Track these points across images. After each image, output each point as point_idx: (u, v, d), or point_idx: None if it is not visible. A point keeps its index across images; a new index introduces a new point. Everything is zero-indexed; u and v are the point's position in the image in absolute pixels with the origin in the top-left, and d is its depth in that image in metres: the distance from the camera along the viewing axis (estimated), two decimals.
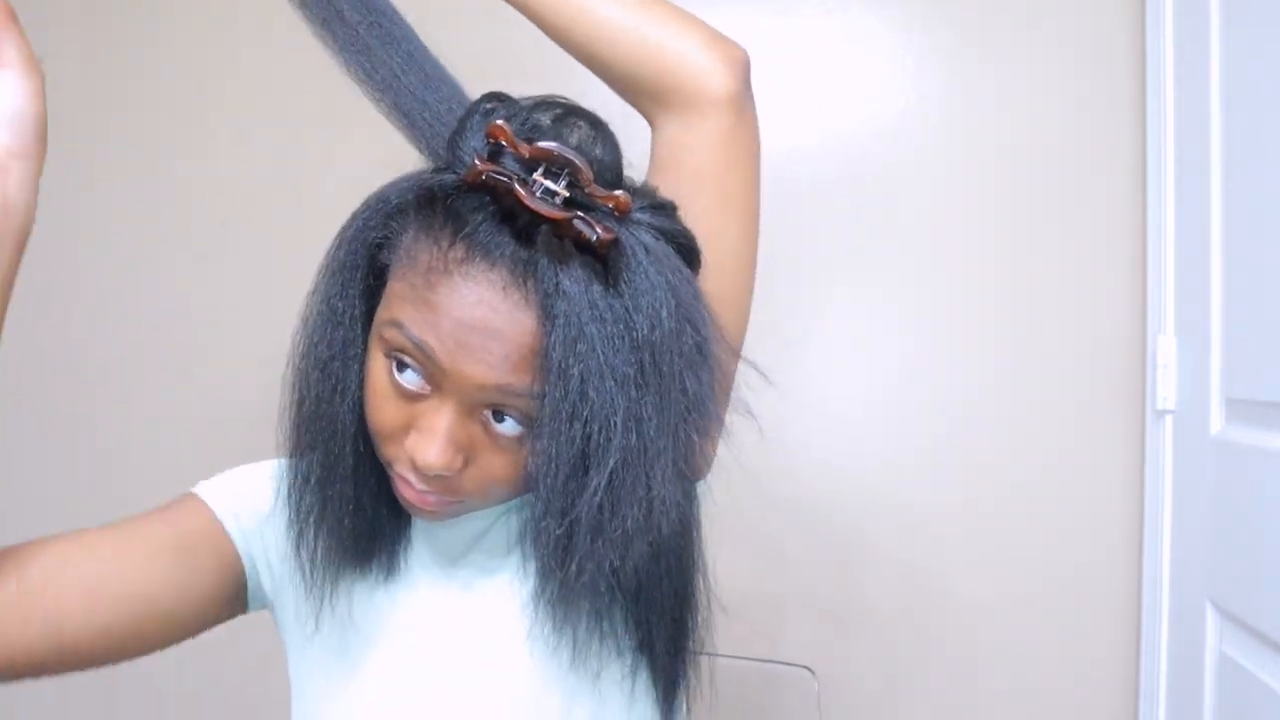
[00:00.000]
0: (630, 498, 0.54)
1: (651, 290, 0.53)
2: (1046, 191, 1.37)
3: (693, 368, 0.55)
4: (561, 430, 0.53)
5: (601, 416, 0.52)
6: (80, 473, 1.62)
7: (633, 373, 0.52)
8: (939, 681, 1.40)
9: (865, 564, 1.41)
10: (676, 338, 0.53)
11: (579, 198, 0.52)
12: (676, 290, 0.54)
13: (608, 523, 0.54)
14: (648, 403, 0.53)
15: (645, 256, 0.53)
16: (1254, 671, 1.03)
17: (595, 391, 0.52)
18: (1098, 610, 1.35)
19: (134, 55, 1.59)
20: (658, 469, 0.54)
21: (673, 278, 0.54)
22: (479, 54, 1.02)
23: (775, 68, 1.43)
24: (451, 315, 0.54)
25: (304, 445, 0.63)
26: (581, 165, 0.52)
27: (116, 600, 0.62)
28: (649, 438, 0.53)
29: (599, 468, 0.53)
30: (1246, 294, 1.07)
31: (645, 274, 0.53)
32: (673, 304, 0.53)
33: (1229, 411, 1.12)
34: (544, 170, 0.52)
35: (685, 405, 0.54)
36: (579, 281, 0.52)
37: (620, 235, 0.53)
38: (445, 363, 0.54)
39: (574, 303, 0.52)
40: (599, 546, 0.54)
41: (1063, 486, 1.36)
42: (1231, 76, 1.11)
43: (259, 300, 1.55)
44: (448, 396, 0.56)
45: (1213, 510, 1.14)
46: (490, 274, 0.53)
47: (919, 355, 1.40)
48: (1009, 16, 1.38)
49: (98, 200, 1.61)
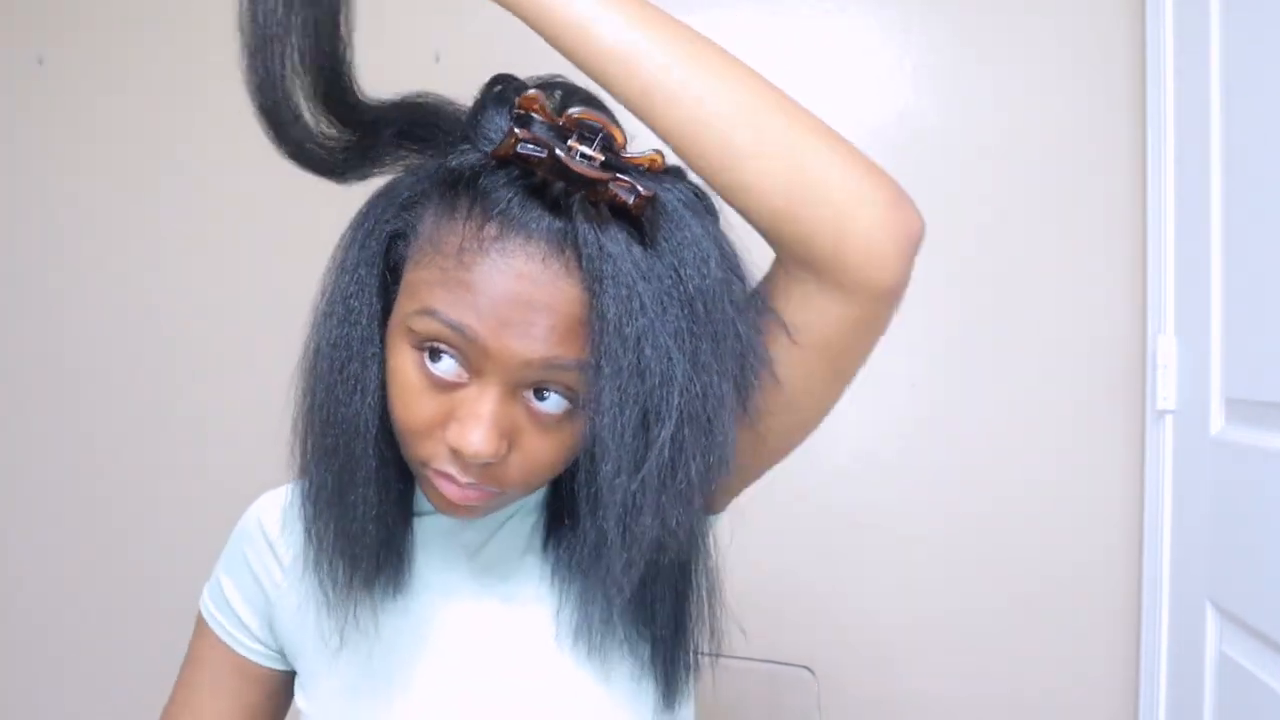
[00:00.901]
0: (694, 448, 0.54)
1: (696, 242, 0.53)
2: (1046, 192, 1.37)
3: (743, 313, 0.55)
4: (624, 390, 0.52)
5: (661, 372, 0.52)
6: (79, 473, 1.62)
7: (686, 325, 0.52)
8: (939, 681, 1.40)
9: (865, 564, 1.41)
10: (726, 286, 0.54)
11: (613, 161, 0.52)
12: (719, 240, 0.55)
13: (672, 477, 0.54)
14: (704, 351, 0.53)
15: (685, 210, 0.54)
16: (1254, 671, 1.03)
17: (652, 349, 0.52)
18: (1098, 610, 1.35)
19: (134, 54, 1.59)
20: (720, 416, 0.54)
21: (712, 229, 0.55)
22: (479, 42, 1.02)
23: (774, 68, 1.43)
24: (490, 292, 0.53)
25: (321, 452, 0.62)
26: (616, 129, 0.52)
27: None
28: (710, 387, 0.53)
29: (664, 422, 0.53)
30: (1246, 294, 1.07)
31: (687, 227, 0.53)
32: (717, 254, 0.54)
33: (1229, 411, 1.12)
34: (576, 137, 0.52)
35: (740, 350, 0.55)
36: (620, 243, 0.52)
37: (661, 195, 0.53)
38: (488, 342, 0.53)
39: (620, 264, 0.51)
40: (664, 501, 0.54)
41: (1063, 486, 1.36)
42: (1231, 76, 1.11)
43: (259, 301, 1.55)
44: (489, 380, 0.55)
45: (1213, 510, 1.14)
46: (528, 247, 0.53)
47: (918, 355, 1.40)
48: (1008, 17, 1.38)
49: (97, 200, 1.61)
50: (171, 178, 1.58)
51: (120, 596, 1.55)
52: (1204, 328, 1.15)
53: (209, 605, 0.74)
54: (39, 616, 1.61)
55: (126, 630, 1.56)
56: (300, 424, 0.64)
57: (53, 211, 1.61)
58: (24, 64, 1.60)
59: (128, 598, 1.55)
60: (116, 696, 1.58)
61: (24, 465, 1.63)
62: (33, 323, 1.62)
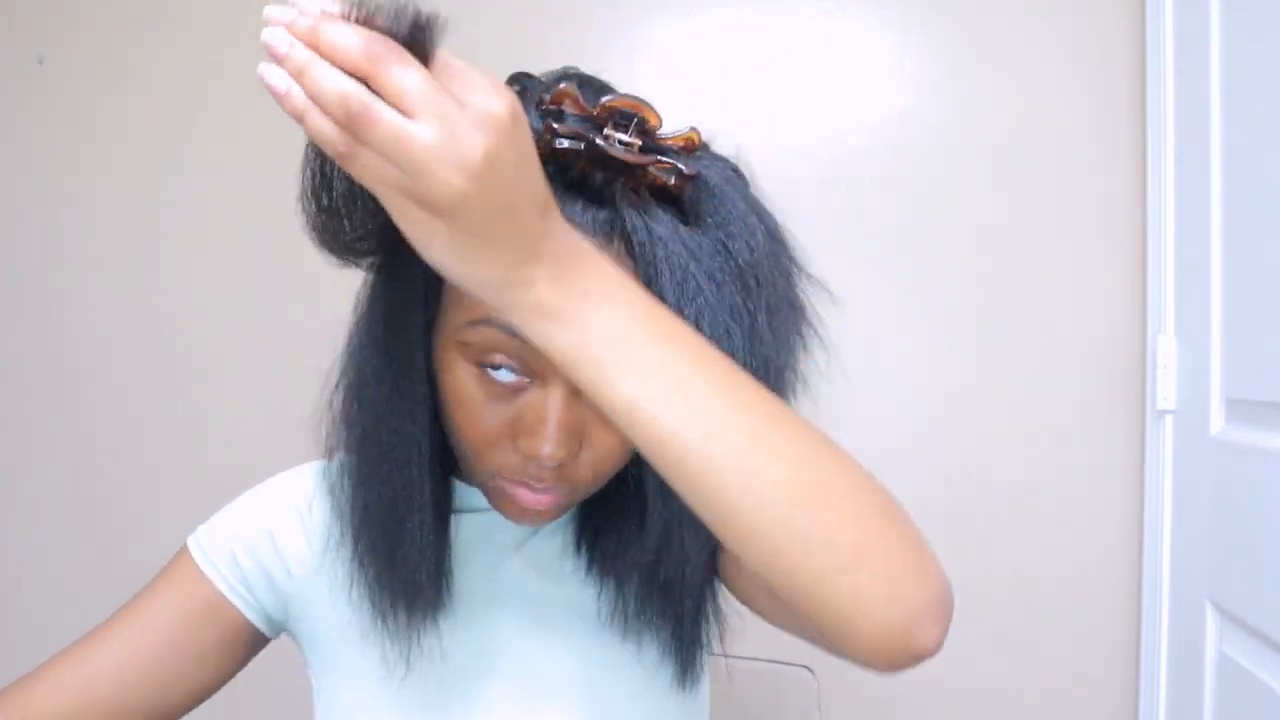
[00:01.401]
0: None
1: (742, 216, 0.54)
2: (1046, 191, 1.37)
3: (790, 278, 0.56)
4: None
5: (722, 350, 0.50)
6: (79, 473, 1.62)
7: (741, 299, 0.52)
8: (938, 681, 1.40)
9: None
10: (774, 256, 0.54)
11: (650, 144, 0.52)
12: (760, 211, 0.55)
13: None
14: (761, 324, 0.53)
15: (725, 185, 0.54)
16: (1254, 671, 1.03)
17: (710, 326, 0.51)
18: (1098, 610, 1.35)
19: (134, 54, 1.59)
20: (783, 386, 0.55)
21: (754, 200, 0.55)
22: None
23: (774, 68, 1.43)
24: None
25: (371, 478, 0.60)
26: (651, 111, 0.52)
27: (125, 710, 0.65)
28: (771, 359, 0.54)
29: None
30: (1246, 294, 1.07)
31: (730, 201, 0.53)
32: (761, 226, 0.54)
33: (1229, 411, 1.12)
34: (611, 125, 0.52)
35: (795, 318, 0.56)
36: (667, 225, 0.52)
37: (704, 171, 0.53)
38: None
39: (670, 246, 0.51)
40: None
41: (1063, 486, 1.36)
42: (1231, 76, 1.11)
43: (259, 301, 1.55)
44: (551, 380, 0.54)
45: (1212, 510, 1.14)
46: None
47: (917, 355, 1.40)
48: (1008, 17, 1.38)
49: (97, 200, 1.60)
50: (171, 178, 1.58)
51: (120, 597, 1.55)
52: (1204, 328, 1.15)
53: (198, 543, 0.70)
54: (39, 616, 1.61)
55: None
56: (341, 449, 0.63)
57: (53, 211, 1.61)
58: (24, 64, 1.60)
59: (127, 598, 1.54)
60: None
61: (24, 465, 1.63)
62: (33, 323, 1.62)
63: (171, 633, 0.66)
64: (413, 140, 0.39)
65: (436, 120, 0.40)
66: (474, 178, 0.40)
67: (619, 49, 1.46)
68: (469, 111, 0.41)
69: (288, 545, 0.69)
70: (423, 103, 0.40)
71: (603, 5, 1.46)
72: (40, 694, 0.63)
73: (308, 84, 0.40)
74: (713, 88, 1.44)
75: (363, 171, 0.41)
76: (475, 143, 0.40)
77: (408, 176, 0.40)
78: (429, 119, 0.40)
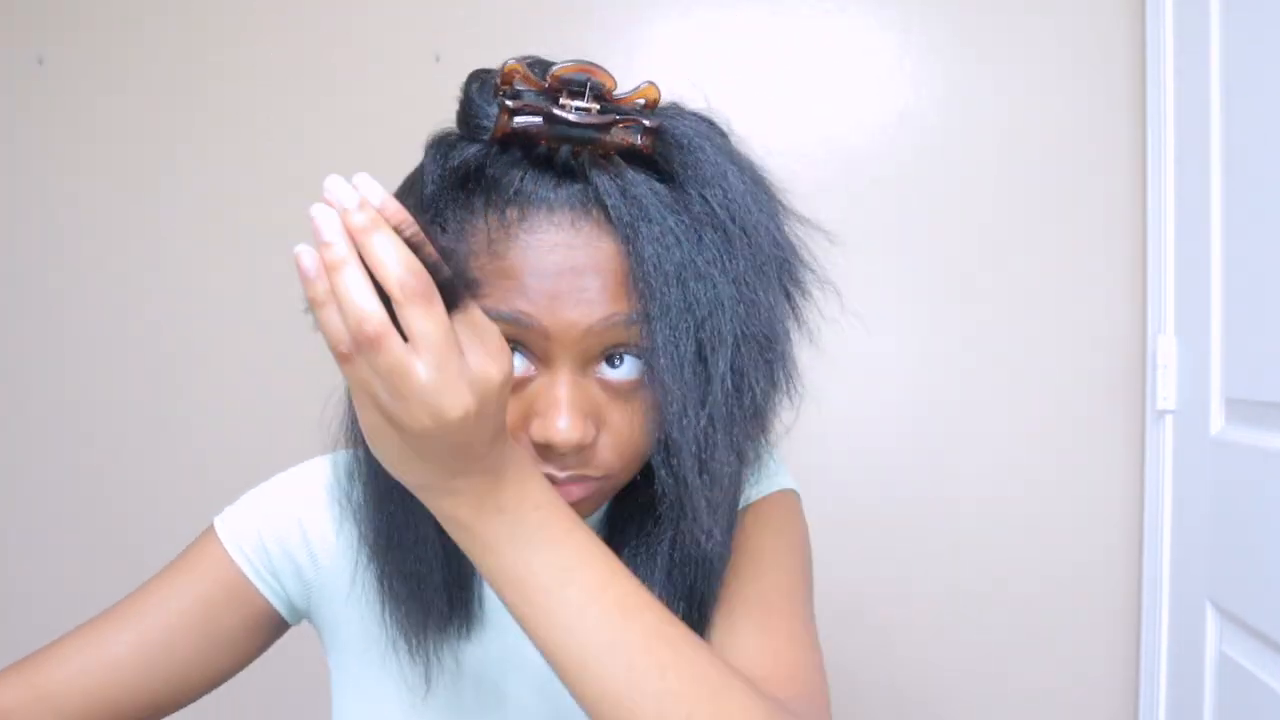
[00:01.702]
0: (755, 370, 0.53)
1: (713, 163, 0.53)
2: (1046, 191, 1.37)
3: (775, 219, 0.55)
4: (675, 327, 0.52)
5: (709, 300, 0.52)
6: (79, 473, 1.62)
7: (723, 248, 0.52)
8: (938, 681, 1.40)
9: (864, 563, 1.41)
10: (753, 199, 0.54)
11: (609, 107, 0.52)
12: (734, 157, 0.55)
13: (739, 403, 0.53)
14: (746, 270, 0.53)
15: (695, 136, 0.53)
16: (1254, 671, 1.03)
17: (695, 279, 0.51)
18: (1098, 610, 1.35)
19: (134, 54, 1.59)
20: (774, 331, 0.54)
21: (726, 146, 0.55)
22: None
23: (774, 68, 1.43)
24: (533, 272, 0.52)
25: (388, 501, 0.60)
26: (604, 73, 0.52)
27: (145, 702, 0.64)
28: (759, 304, 0.53)
29: (720, 350, 0.52)
30: (1246, 294, 1.07)
31: (700, 151, 0.53)
32: (735, 169, 0.54)
33: (1229, 411, 1.12)
34: (566, 94, 0.52)
35: (781, 259, 0.55)
36: (640, 185, 0.52)
37: (667, 125, 0.53)
38: (545, 320, 0.52)
39: (645, 205, 0.51)
40: (736, 433, 0.54)
41: (1063, 486, 1.36)
42: (1231, 76, 1.11)
43: (259, 301, 1.55)
44: (557, 363, 0.54)
45: (1212, 510, 1.14)
46: (553, 218, 0.52)
47: (917, 355, 1.40)
48: (1008, 17, 1.38)
49: (97, 200, 1.60)
50: (171, 178, 1.58)
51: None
52: (1204, 328, 1.15)
53: (225, 525, 0.69)
54: (39, 616, 1.61)
55: None
56: (357, 474, 0.63)
57: (53, 211, 1.61)
58: (24, 64, 1.60)
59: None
60: None
61: (24, 465, 1.62)
62: (33, 323, 1.62)
63: (193, 615, 0.65)
64: (409, 377, 0.42)
65: (435, 367, 0.42)
66: (443, 426, 0.43)
67: (619, 49, 1.46)
68: (467, 368, 0.43)
69: (316, 534, 0.69)
70: (430, 348, 0.42)
71: (603, 5, 1.46)
72: (56, 673, 0.62)
73: (336, 284, 0.41)
74: (713, 88, 1.44)
75: (351, 373, 0.43)
76: (459, 400, 0.43)
77: (386, 394, 0.43)
78: (430, 363, 0.42)
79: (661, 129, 0.52)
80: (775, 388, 0.55)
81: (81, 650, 0.63)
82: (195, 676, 0.66)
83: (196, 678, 0.66)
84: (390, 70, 1.50)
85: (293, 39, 1.53)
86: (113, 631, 0.64)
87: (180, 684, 0.65)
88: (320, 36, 1.52)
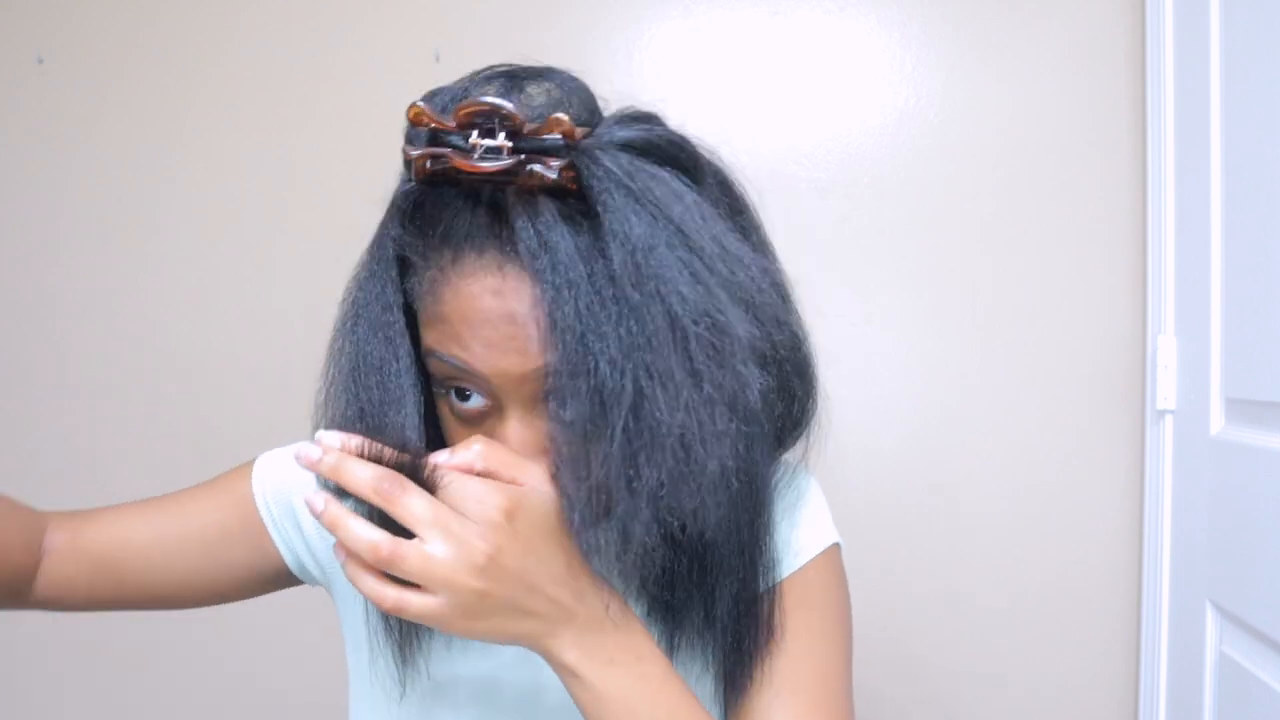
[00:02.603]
0: (656, 438, 0.48)
1: (620, 207, 0.48)
2: (1046, 191, 1.37)
3: (690, 271, 0.49)
4: (572, 386, 0.48)
5: (605, 357, 0.47)
6: (79, 473, 1.61)
7: (619, 304, 0.48)
8: (938, 680, 1.40)
9: (864, 563, 1.41)
10: (652, 251, 0.48)
11: (524, 144, 0.48)
12: (644, 196, 0.49)
13: (638, 474, 0.48)
14: (644, 327, 0.47)
15: (610, 174, 0.48)
16: (1254, 671, 1.03)
17: (593, 335, 0.48)
18: (1097, 610, 1.35)
19: (133, 54, 1.59)
20: (679, 396, 0.48)
21: (646, 184, 0.49)
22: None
23: (774, 67, 1.43)
24: (465, 320, 0.51)
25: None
26: (508, 107, 0.48)
27: (146, 592, 0.67)
28: (657, 365, 0.47)
29: (615, 412, 0.48)
30: (1246, 294, 1.07)
31: (611, 193, 0.48)
32: (646, 215, 0.48)
33: (1229, 411, 1.12)
34: (479, 132, 0.49)
35: (689, 317, 0.48)
36: (555, 229, 0.48)
37: (578, 162, 0.48)
38: (483, 369, 0.51)
39: (556, 253, 0.48)
40: (638, 504, 0.49)
41: (1063, 486, 1.36)
42: (1231, 76, 1.11)
43: (260, 301, 1.55)
44: (506, 403, 0.53)
45: (1212, 510, 1.14)
46: (481, 261, 0.50)
47: (917, 355, 1.40)
48: (1008, 16, 1.38)
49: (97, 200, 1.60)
50: (171, 178, 1.58)
51: None
52: (1204, 328, 1.15)
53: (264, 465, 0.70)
54: (39, 616, 1.61)
55: (126, 630, 1.56)
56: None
57: (52, 211, 1.61)
58: (24, 64, 1.60)
59: None
60: (115, 696, 1.58)
61: (24, 465, 1.62)
62: (33, 323, 1.62)
63: (209, 536, 0.68)
64: (430, 559, 0.48)
65: (442, 536, 0.48)
66: (484, 575, 0.48)
67: (619, 49, 1.46)
68: (469, 523, 0.49)
69: (308, 520, 0.69)
70: (430, 524, 0.48)
71: (603, 5, 1.46)
72: (90, 531, 0.66)
73: (343, 536, 0.49)
74: (712, 88, 1.44)
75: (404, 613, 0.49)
76: (480, 549, 0.48)
77: (439, 596, 0.48)
78: (435, 535, 0.48)
79: (578, 166, 0.48)
80: (686, 460, 0.49)
81: (115, 523, 0.67)
82: (196, 589, 0.69)
83: (197, 590, 0.69)
84: (390, 70, 1.50)
85: (293, 39, 1.53)
86: (139, 519, 0.68)
87: (179, 589, 0.68)
88: (320, 36, 1.52)
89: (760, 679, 0.61)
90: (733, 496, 0.52)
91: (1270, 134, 1.01)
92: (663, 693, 0.54)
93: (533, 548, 0.50)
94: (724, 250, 0.51)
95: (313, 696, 1.51)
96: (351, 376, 0.55)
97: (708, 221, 0.51)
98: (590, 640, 0.53)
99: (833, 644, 0.64)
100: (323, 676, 1.49)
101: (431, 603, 0.49)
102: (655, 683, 0.54)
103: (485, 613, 0.49)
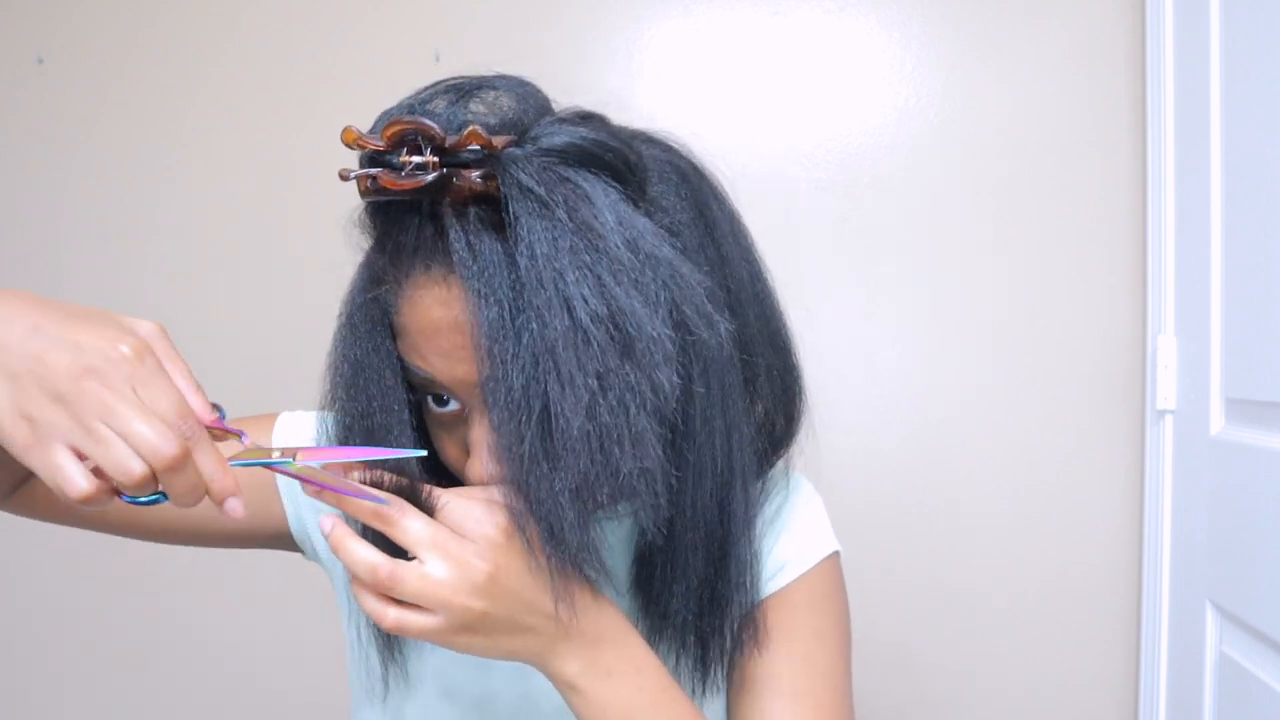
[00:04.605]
0: (568, 441, 0.48)
1: (528, 214, 0.48)
2: (1046, 191, 1.37)
3: (594, 275, 0.48)
4: (492, 392, 0.49)
5: (516, 365, 0.48)
6: None
7: (525, 311, 0.48)
8: (938, 681, 1.40)
9: (863, 563, 1.41)
10: (555, 257, 0.48)
11: (447, 158, 0.49)
12: (552, 202, 0.48)
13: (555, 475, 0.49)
14: (548, 332, 0.48)
15: (519, 182, 0.49)
16: (1254, 671, 1.03)
17: (508, 341, 0.48)
18: (1098, 610, 1.35)
19: (133, 54, 1.59)
20: (583, 399, 0.48)
21: (557, 189, 0.49)
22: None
23: (774, 67, 1.43)
24: (420, 331, 0.53)
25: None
26: (425, 123, 0.49)
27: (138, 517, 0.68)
28: (562, 369, 0.48)
29: (527, 417, 0.49)
30: (1246, 294, 1.07)
31: (520, 200, 0.48)
32: (552, 220, 0.48)
33: (1229, 411, 1.12)
34: (409, 149, 0.50)
35: (589, 320, 0.48)
36: (480, 235, 0.49)
37: (495, 171, 0.49)
38: (442, 377, 0.53)
39: (480, 257, 0.49)
40: (560, 504, 0.49)
41: (1063, 486, 1.36)
42: (1231, 76, 1.11)
43: (259, 302, 1.55)
44: (472, 408, 0.55)
45: (1212, 510, 1.14)
46: (429, 274, 0.52)
47: (917, 356, 1.40)
48: (1008, 16, 1.38)
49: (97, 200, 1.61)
50: (171, 178, 1.58)
51: (118, 595, 1.55)
52: (1204, 328, 1.15)
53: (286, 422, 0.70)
54: (39, 616, 1.61)
55: (126, 630, 1.56)
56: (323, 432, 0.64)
57: (52, 211, 1.61)
58: (24, 64, 1.60)
59: (127, 598, 1.54)
60: (115, 696, 1.58)
61: None
62: None
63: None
64: (428, 578, 0.49)
65: (442, 556, 0.49)
66: (484, 594, 0.50)
67: (619, 49, 1.46)
68: (468, 542, 0.50)
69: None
70: (429, 545, 0.50)
71: (603, 5, 1.46)
72: None
73: (345, 558, 0.50)
74: (712, 88, 1.44)
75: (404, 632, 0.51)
76: (480, 568, 0.50)
77: (438, 616, 0.50)
78: (437, 558, 0.49)
79: (496, 175, 0.49)
80: (604, 459, 0.49)
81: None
82: (181, 527, 0.69)
83: (182, 529, 0.69)
84: (390, 70, 1.50)
85: (293, 39, 1.53)
86: None
87: (164, 523, 0.69)
88: (320, 36, 1.52)
89: (761, 675, 0.62)
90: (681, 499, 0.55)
91: (1270, 134, 1.01)
92: (661, 702, 0.55)
93: (533, 564, 0.51)
94: (638, 252, 0.50)
95: (313, 696, 1.51)
96: (347, 391, 0.56)
97: (624, 224, 0.50)
98: (589, 654, 0.54)
99: (833, 648, 0.66)
100: (323, 676, 1.49)
101: (430, 622, 0.50)
102: (654, 693, 0.55)
103: (485, 630, 0.51)
